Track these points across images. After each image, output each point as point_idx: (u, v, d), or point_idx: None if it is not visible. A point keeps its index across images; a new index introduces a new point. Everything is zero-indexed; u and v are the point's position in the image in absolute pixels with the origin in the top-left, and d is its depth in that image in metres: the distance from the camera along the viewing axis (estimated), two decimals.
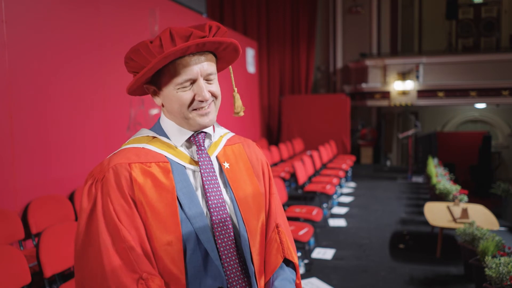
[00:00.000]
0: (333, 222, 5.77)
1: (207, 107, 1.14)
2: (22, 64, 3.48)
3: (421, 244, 4.87)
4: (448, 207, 4.72)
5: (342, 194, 7.48)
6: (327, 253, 4.60)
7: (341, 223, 5.76)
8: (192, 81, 1.11)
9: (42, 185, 3.66)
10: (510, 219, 5.96)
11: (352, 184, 8.43)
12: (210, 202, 1.12)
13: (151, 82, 1.15)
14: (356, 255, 4.58)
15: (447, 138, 12.31)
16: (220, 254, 1.11)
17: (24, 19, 3.51)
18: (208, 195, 1.13)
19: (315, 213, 4.47)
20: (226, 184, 1.19)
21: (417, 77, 10.02)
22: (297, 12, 10.61)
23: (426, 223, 5.30)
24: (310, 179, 6.74)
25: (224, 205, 1.15)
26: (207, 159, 1.17)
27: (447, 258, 4.41)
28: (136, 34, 4.98)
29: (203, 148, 1.18)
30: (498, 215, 5.28)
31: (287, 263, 1.25)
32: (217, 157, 1.22)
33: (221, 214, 1.13)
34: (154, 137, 1.18)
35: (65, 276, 3.01)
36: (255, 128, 9.73)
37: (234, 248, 1.13)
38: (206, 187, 1.13)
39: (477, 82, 9.84)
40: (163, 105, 1.17)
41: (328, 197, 6.18)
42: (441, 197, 5.60)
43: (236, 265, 1.13)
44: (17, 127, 3.41)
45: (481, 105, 12.09)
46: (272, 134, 10.80)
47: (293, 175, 6.71)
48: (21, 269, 2.41)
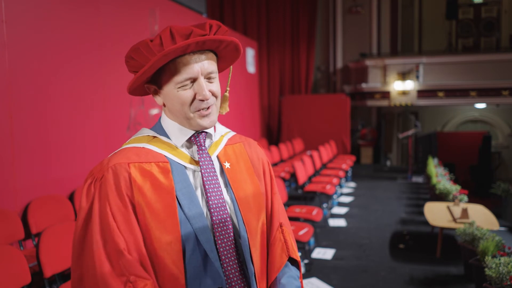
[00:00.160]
0: (333, 222, 5.77)
1: (208, 108, 1.13)
2: (22, 64, 3.48)
3: (421, 244, 4.87)
4: (448, 207, 4.72)
5: (342, 194, 7.47)
6: (327, 253, 4.60)
7: (341, 223, 5.76)
8: (193, 80, 1.10)
9: (42, 185, 3.66)
10: (510, 219, 5.96)
11: (352, 184, 8.43)
12: (210, 202, 1.12)
13: (151, 81, 1.14)
14: (356, 255, 4.58)
15: (447, 138, 12.31)
16: (220, 255, 1.10)
17: (24, 19, 3.51)
18: (209, 195, 1.12)
19: (315, 213, 4.47)
20: (227, 184, 1.19)
21: (417, 77, 10.02)
22: (297, 12, 10.61)
23: (426, 223, 5.30)
24: (310, 179, 6.74)
25: (224, 205, 1.14)
26: (207, 159, 1.17)
27: (447, 258, 4.41)
28: (136, 34, 4.98)
29: (203, 148, 1.17)
30: (498, 215, 5.28)
31: (291, 261, 1.25)
32: (218, 156, 1.21)
33: (221, 215, 1.12)
34: (155, 136, 1.17)
35: (65, 276, 3.00)
36: (255, 128, 9.73)
37: (234, 249, 1.13)
38: (206, 187, 1.13)
39: (477, 82, 9.84)
40: (164, 105, 1.17)
41: (328, 197, 6.18)
42: (441, 197, 5.60)
43: (235, 266, 1.12)
44: (17, 127, 3.41)
45: (481, 105, 12.09)
46: (272, 134, 10.80)
47: (293, 175, 6.71)
48: (21, 269, 2.41)
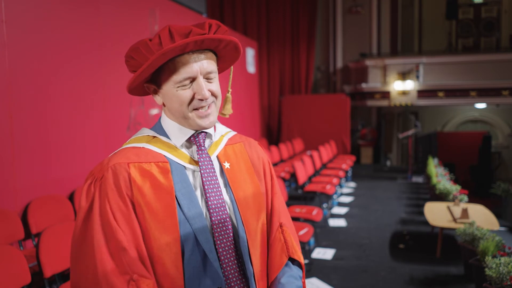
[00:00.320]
0: (333, 222, 5.77)
1: (208, 108, 1.12)
2: (22, 64, 3.48)
3: (421, 244, 4.87)
4: (448, 207, 4.72)
5: (342, 194, 7.47)
6: (327, 253, 4.60)
7: (341, 223, 5.76)
8: (192, 80, 1.10)
9: (42, 185, 3.66)
10: (510, 219, 5.96)
11: (352, 184, 8.43)
12: (210, 203, 1.12)
13: (151, 81, 1.14)
14: (356, 255, 4.58)
15: (447, 138, 12.31)
16: (219, 255, 1.10)
17: (24, 19, 3.51)
18: (208, 196, 1.12)
19: (315, 213, 4.46)
20: (226, 184, 1.19)
21: (417, 77, 10.02)
22: (297, 12, 10.61)
23: (426, 223, 5.30)
24: (310, 179, 6.74)
25: (224, 206, 1.14)
26: (207, 159, 1.16)
27: (447, 258, 4.41)
28: (136, 34, 4.97)
29: (203, 148, 1.17)
30: (498, 215, 5.28)
31: (293, 261, 1.23)
32: (217, 157, 1.21)
33: (220, 215, 1.12)
34: (155, 136, 1.17)
35: (65, 276, 3.00)
36: (255, 128, 9.73)
37: (233, 249, 1.13)
38: (206, 187, 1.13)
39: (477, 82, 9.83)
40: (163, 105, 1.17)
41: (328, 197, 6.18)
42: (441, 197, 5.60)
43: (234, 266, 1.12)
44: (17, 127, 3.41)
45: (481, 105, 12.09)
46: (272, 134, 10.79)
47: (293, 175, 6.71)
48: (21, 269, 2.41)
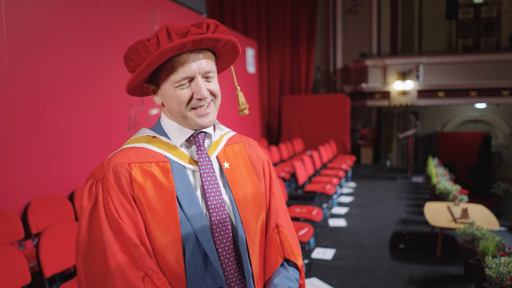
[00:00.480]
0: (333, 222, 5.77)
1: (207, 107, 1.12)
2: (22, 64, 3.48)
3: (421, 244, 4.87)
4: (448, 207, 4.72)
5: (342, 194, 7.47)
6: (327, 253, 4.60)
7: (341, 223, 5.76)
8: (190, 79, 1.10)
9: (42, 185, 3.66)
10: (510, 219, 5.96)
11: (352, 184, 8.43)
12: (209, 203, 1.12)
13: (150, 81, 1.14)
14: (356, 255, 4.58)
15: (447, 138, 12.31)
16: (219, 255, 1.10)
17: (24, 19, 3.51)
18: (208, 196, 1.12)
19: (315, 213, 4.46)
20: (226, 184, 1.19)
21: (417, 77, 10.02)
22: (297, 12, 10.61)
23: (426, 223, 5.30)
24: (310, 179, 6.74)
25: (223, 206, 1.14)
26: (206, 159, 1.16)
27: (447, 258, 4.41)
28: (136, 34, 4.98)
29: (202, 148, 1.17)
30: (498, 215, 5.28)
31: (290, 262, 1.22)
32: (217, 157, 1.21)
33: (220, 215, 1.12)
34: (154, 136, 1.17)
35: (65, 276, 3.01)
36: (255, 128, 9.73)
37: (233, 249, 1.13)
38: (205, 187, 1.13)
39: (477, 82, 9.83)
40: (163, 105, 1.17)
41: (328, 197, 6.18)
42: (441, 197, 5.60)
43: (234, 266, 1.12)
44: (17, 127, 3.41)
45: (481, 105, 12.09)
46: (272, 134, 10.79)
47: (293, 175, 6.71)
48: (21, 269, 2.41)
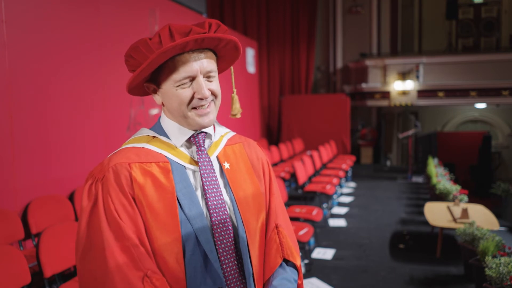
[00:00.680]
0: (333, 222, 5.76)
1: (207, 107, 1.12)
2: (22, 64, 3.48)
3: (421, 244, 4.87)
4: (448, 207, 4.72)
5: (342, 194, 7.47)
6: (327, 253, 4.60)
7: (341, 223, 5.76)
8: (192, 79, 1.10)
9: (42, 185, 3.65)
10: (510, 219, 5.96)
11: (352, 184, 8.43)
12: (209, 203, 1.11)
13: (151, 80, 1.14)
14: (356, 255, 4.58)
15: (447, 138, 12.31)
16: (219, 255, 1.10)
17: (24, 19, 3.51)
18: (208, 196, 1.12)
19: (315, 213, 4.46)
20: (226, 185, 1.18)
21: (417, 77, 10.02)
22: (297, 12, 10.61)
23: (426, 223, 5.30)
24: (310, 179, 6.74)
25: (224, 206, 1.14)
26: (207, 159, 1.16)
27: (447, 258, 4.41)
28: (136, 34, 4.97)
29: (203, 148, 1.17)
30: (498, 215, 5.28)
31: (288, 263, 1.22)
32: (217, 157, 1.21)
33: (220, 215, 1.12)
34: (154, 136, 1.17)
35: (65, 276, 3.01)
36: (255, 128, 9.73)
37: (233, 250, 1.12)
38: (205, 187, 1.13)
39: (477, 82, 9.83)
40: (163, 104, 1.16)
41: (328, 197, 6.18)
42: (441, 197, 5.60)
43: (234, 267, 1.12)
44: (17, 127, 3.41)
45: (481, 105, 12.09)
46: (272, 134, 10.79)
47: (293, 175, 6.71)
48: (21, 269, 2.41)
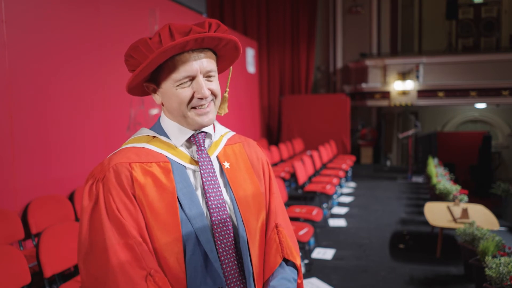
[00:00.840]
0: (333, 222, 5.77)
1: (207, 106, 1.12)
2: (22, 64, 3.48)
3: (421, 244, 4.87)
4: (448, 207, 4.72)
5: (342, 194, 7.47)
6: (327, 253, 4.60)
7: (341, 223, 5.76)
8: (191, 78, 1.10)
9: (42, 185, 3.65)
10: (510, 219, 5.95)
11: (352, 184, 8.43)
12: (210, 203, 1.11)
13: (150, 80, 1.14)
14: (356, 255, 4.58)
15: (447, 138, 12.31)
16: (220, 255, 1.10)
17: (24, 19, 3.51)
18: (208, 196, 1.12)
19: (315, 213, 4.46)
20: (226, 184, 1.19)
21: (417, 77, 10.02)
22: (297, 12, 10.61)
23: (426, 223, 5.30)
24: (310, 179, 6.74)
25: (224, 206, 1.14)
26: (207, 159, 1.16)
27: (447, 258, 4.41)
28: (136, 34, 4.97)
29: (203, 148, 1.17)
30: (498, 215, 5.27)
31: (288, 262, 1.22)
32: (217, 157, 1.21)
33: (221, 215, 1.12)
34: (154, 136, 1.17)
35: (65, 276, 3.01)
36: (255, 128, 9.73)
37: (234, 249, 1.12)
38: (206, 187, 1.13)
39: (477, 82, 9.83)
40: (163, 104, 1.17)
41: (328, 197, 6.18)
42: (441, 197, 5.60)
43: (235, 266, 1.12)
44: (17, 127, 3.41)
45: (481, 105, 12.09)
46: (272, 134, 10.79)
47: (293, 175, 6.71)
48: (21, 269, 2.41)
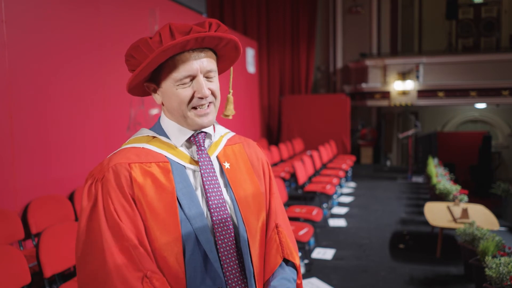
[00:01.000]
0: (333, 222, 5.76)
1: (207, 108, 1.12)
2: (22, 64, 3.48)
3: (421, 244, 4.87)
4: (448, 207, 4.72)
5: (342, 194, 7.47)
6: (327, 253, 4.60)
7: (341, 223, 5.75)
8: (192, 78, 1.10)
9: (42, 185, 3.65)
10: (510, 219, 5.95)
11: (352, 184, 8.43)
12: (210, 203, 1.12)
13: (151, 80, 1.14)
14: (356, 255, 4.58)
15: (447, 138, 12.30)
16: (220, 255, 1.10)
17: (24, 19, 3.51)
18: (208, 195, 1.12)
19: (315, 213, 4.46)
20: (227, 184, 1.19)
21: (417, 77, 10.02)
22: (297, 12, 10.61)
23: (426, 223, 5.30)
24: (310, 179, 6.74)
25: (224, 205, 1.14)
26: (207, 159, 1.16)
27: (447, 258, 4.41)
28: (136, 34, 4.97)
29: (203, 148, 1.17)
30: (498, 215, 5.27)
31: (288, 262, 1.23)
32: (217, 157, 1.21)
33: (221, 215, 1.12)
34: (154, 137, 1.17)
35: (65, 276, 3.01)
36: (255, 128, 9.73)
37: (234, 249, 1.12)
38: (206, 187, 1.13)
39: (477, 82, 9.83)
40: (163, 104, 1.17)
41: (328, 197, 6.18)
42: (441, 197, 5.60)
43: (235, 266, 1.12)
44: (17, 127, 3.41)
45: (481, 105, 12.09)
46: (272, 134, 10.79)
47: (293, 175, 6.71)
48: (21, 269, 2.41)
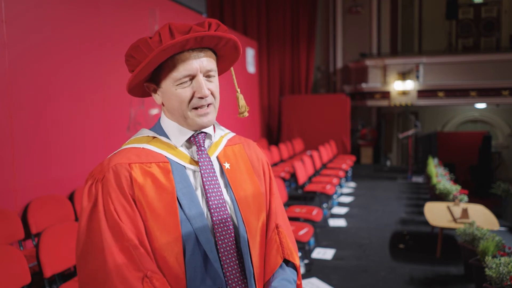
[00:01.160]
0: (333, 222, 5.76)
1: (207, 108, 1.13)
2: (22, 64, 3.48)
3: (421, 244, 4.87)
4: (448, 207, 4.72)
5: (342, 194, 7.47)
6: (327, 253, 4.60)
7: (341, 223, 5.76)
8: (191, 78, 1.10)
9: (42, 185, 3.65)
10: (510, 219, 5.95)
11: (352, 184, 8.43)
12: (210, 203, 1.12)
13: (151, 80, 1.14)
14: (356, 255, 4.58)
15: (447, 138, 12.30)
16: (220, 255, 1.10)
17: (24, 19, 3.51)
18: (209, 196, 1.12)
19: (315, 213, 4.46)
20: (227, 185, 1.19)
21: (417, 77, 10.02)
22: (297, 12, 10.61)
23: (426, 223, 5.30)
24: (310, 179, 6.74)
25: (225, 205, 1.14)
26: (207, 159, 1.16)
27: (447, 258, 4.41)
28: (136, 34, 4.96)
29: (203, 148, 1.17)
30: (498, 215, 5.27)
31: (288, 263, 1.23)
32: (217, 157, 1.21)
33: (221, 215, 1.12)
34: (154, 137, 1.17)
35: (65, 276, 3.01)
36: (255, 128, 9.73)
37: (235, 249, 1.12)
38: (206, 187, 1.13)
39: (477, 82, 9.83)
40: (163, 104, 1.17)
41: (328, 197, 6.18)
42: (441, 197, 5.60)
43: (236, 266, 1.12)
44: (17, 127, 3.41)
45: (481, 105, 12.09)
46: (272, 134, 10.79)
47: (293, 175, 6.71)
48: (21, 269, 2.41)
